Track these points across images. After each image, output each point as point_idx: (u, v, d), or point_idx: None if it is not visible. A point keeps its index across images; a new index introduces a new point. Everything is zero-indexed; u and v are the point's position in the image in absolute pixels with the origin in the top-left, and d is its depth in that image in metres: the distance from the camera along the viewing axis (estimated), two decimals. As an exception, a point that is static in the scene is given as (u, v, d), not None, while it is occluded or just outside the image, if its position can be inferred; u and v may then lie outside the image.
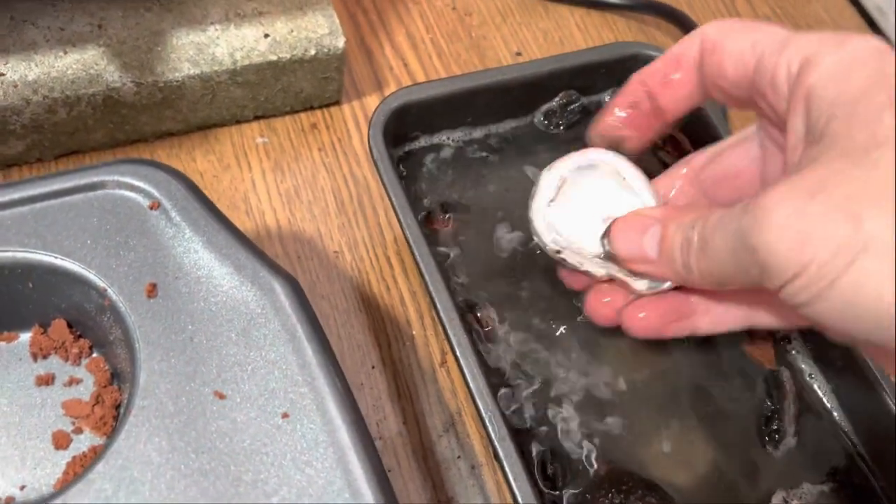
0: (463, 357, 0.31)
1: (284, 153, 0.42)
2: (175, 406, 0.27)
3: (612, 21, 0.50)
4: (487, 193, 0.39)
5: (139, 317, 0.28)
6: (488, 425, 0.30)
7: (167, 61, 0.38)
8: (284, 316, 0.29)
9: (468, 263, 0.37)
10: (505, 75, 0.38)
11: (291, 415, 0.27)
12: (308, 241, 0.40)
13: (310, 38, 0.40)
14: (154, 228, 0.30)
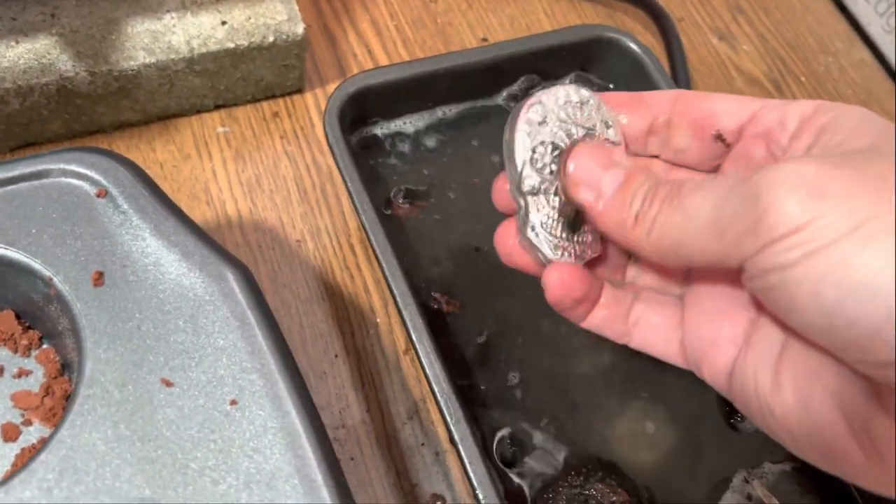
0: (419, 342, 0.30)
1: (246, 142, 0.42)
2: (121, 394, 0.27)
3: (580, 7, 0.50)
4: (451, 177, 0.39)
5: (85, 305, 0.28)
6: (444, 409, 0.29)
7: (121, 50, 0.37)
8: (233, 303, 0.28)
9: (431, 248, 0.37)
10: (465, 59, 0.38)
11: (240, 401, 0.27)
12: (270, 230, 0.40)
13: (268, 24, 0.39)
14: (101, 216, 0.29)
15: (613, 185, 0.27)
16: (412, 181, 0.38)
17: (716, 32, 0.52)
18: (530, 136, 0.28)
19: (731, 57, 0.51)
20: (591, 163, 0.28)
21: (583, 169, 0.28)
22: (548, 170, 0.28)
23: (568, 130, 0.29)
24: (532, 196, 0.28)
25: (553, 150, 0.28)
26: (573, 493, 0.31)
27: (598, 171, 0.27)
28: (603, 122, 0.29)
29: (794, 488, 0.33)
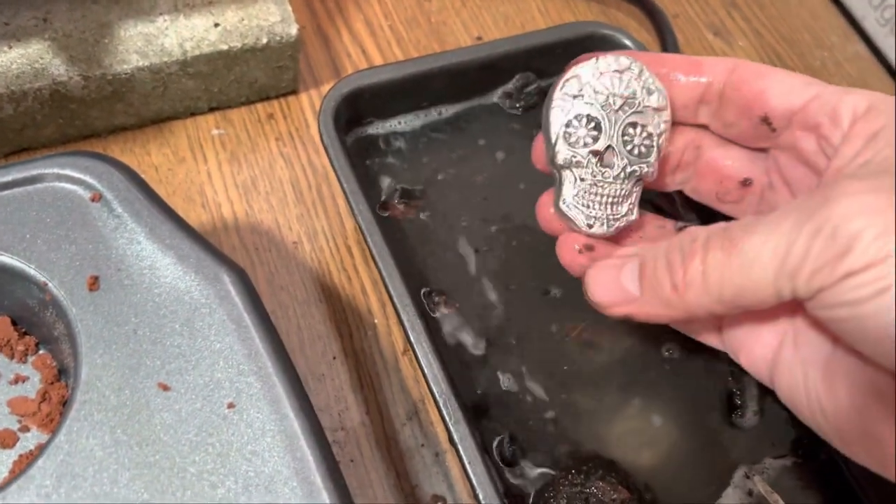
0: (417, 344, 0.30)
1: (241, 144, 0.42)
2: (118, 399, 0.26)
3: (574, 4, 0.50)
4: (447, 177, 0.38)
5: (81, 310, 0.28)
6: (443, 410, 0.29)
7: (114, 53, 0.37)
8: (230, 305, 0.28)
9: (428, 248, 0.37)
10: (459, 58, 0.38)
11: (238, 404, 0.27)
12: (266, 233, 0.40)
13: (261, 26, 0.39)
14: (96, 220, 0.29)
15: (634, 282, 0.27)
16: (408, 181, 0.38)
17: (711, 28, 0.52)
18: (563, 111, 0.29)
19: (726, 52, 0.51)
20: (605, 281, 0.27)
21: (602, 293, 0.28)
22: (581, 143, 0.29)
23: (605, 101, 0.29)
24: (565, 169, 0.29)
25: (588, 122, 0.29)
26: (574, 491, 0.31)
27: (615, 284, 0.27)
28: (644, 88, 0.29)
29: (796, 483, 0.32)
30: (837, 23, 0.53)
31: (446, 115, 0.39)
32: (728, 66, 0.29)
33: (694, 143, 0.31)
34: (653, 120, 0.29)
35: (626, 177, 0.29)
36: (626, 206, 0.30)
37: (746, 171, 0.31)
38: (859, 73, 0.51)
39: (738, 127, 0.29)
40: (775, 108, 0.28)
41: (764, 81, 0.28)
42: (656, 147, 0.30)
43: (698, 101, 0.30)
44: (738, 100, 0.28)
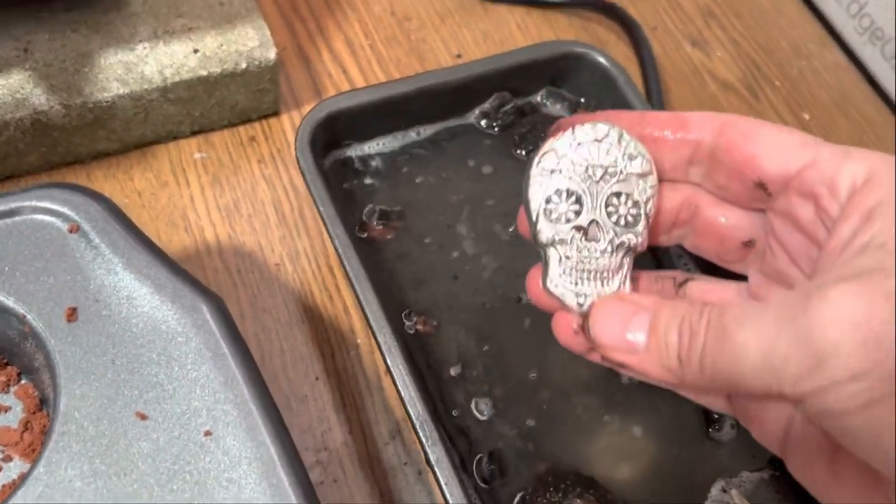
0: (394, 366, 0.31)
1: (223, 167, 0.42)
2: (96, 429, 0.27)
3: (553, 19, 0.50)
4: (425, 197, 0.39)
5: (59, 341, 0.28)
6: (419, 432, 0.29)
7: (95, 82, 0.38)
8: (206, 334, 0.29)
9: (407, 269, 0.37)
10: (435, 80, 0.38)
11: (214, 432, 0.27)
12: (249, 255, 0.40)
13: (240, 51, 0.40)
14: (73, 252, 0.30)
15: (642, 334, 0.25)
16: (387, 202, 0.38)
17: (689, 39, 0.52)
18: (542, 188, 0.28)
19: (705, 63, 0.51)
20: (611, 323, 0.26)
21: (605, 333, 0.26)
22: (563, 219, 0.28)
23: (584, 173, 0.28)
24: (550, 248, 0.28)
25: (568, 197, 0.28)
26: (552, 508, 0.31)
27: (621, 329, 0.26)
28: (625, 154, 0.28)
29: (773, 496, 0.33)
30: (815, 31, 0.54)
31: (424, 136, 0.40)
32: (715, 124, 0.27)
33: (690, 202, 0.30)
34: (637, 186, 0.28)
35: (613, 250, 0.28)
36: (616, 280, 0.28)
37: (747, 231, 0.29)
38: (837, 82, 0.52)
39: (731, 189, 0.28)
40: (769, 174, 0.26)
41: (755, 145, 0.26)
42: (643, 215, 0.28)
43: (687, 161, 0.28)
44: (729, 163, 0.27)
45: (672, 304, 0.25)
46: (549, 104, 0.41)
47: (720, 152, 0.27)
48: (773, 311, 0.22)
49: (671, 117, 0.28)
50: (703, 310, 0.24)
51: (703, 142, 0.28)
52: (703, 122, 0.28)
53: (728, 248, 0.29)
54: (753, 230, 0.29)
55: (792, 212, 0.26)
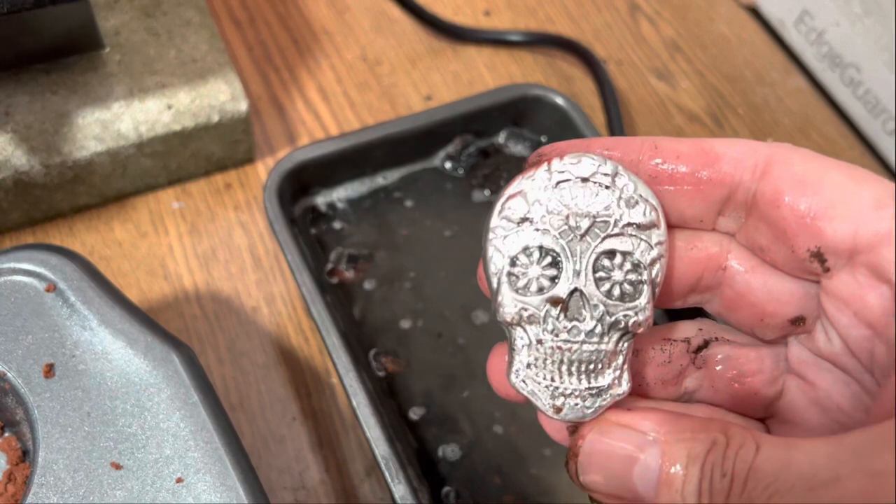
0: (359, 408, 0.32)
1: (200, 215, 0.44)
2: (73, 480, 0.28)
3: (520, 58, 0.52)
4: (393, 240, 0.40)
5: (37, 397, 0.29)
6: (385, 471, 0.31)
7: (73, 141, 0.39)
8: (177, 384, 0.30)
9: (377, 311, 0.38)
10: (399, 127, 0.40)
11: (186, 479, 0.29)
12: (226, 300, 0.41)
13: (212, 105, 0.41)
14: (50, 310, 0.31)
15: (651, 485, 0.19)
16: (355, 246, 0.40)
17: (654, 72, 0.54)
18: (506, 245, 0.21)
19: (670, 95, 0.53)
20: (607, 469, 0.20)
21: (600, 481, 0.20)
22: (534, 288, 0.21)
23: (563, 224, 0.21)
24: (515, 327, 0.21)
25: (541, 257, 0.21)
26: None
27: (623, 475, 0.19)
28: (622, 199, 0.21)
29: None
30: (777, 59, 0.55)
31: (391, 180, 0.41)
32: (757, 160, 0.20)
33: (716, 262, 0.22)
34: (639, 244, 0.21)
35: (605, 332, 0.21)
36: (609, 373, 0.21)
37: (795, 305, 0.22)
38: (800, 108, 0.53)
39: (774, 254, 0.21)
40: (832, 243, 0.19)
41: (816, 199, 0.19)
42: (647, 282, 0.21)
43: (716, 212, 0.21)
44: (776, 221, 0.20)
45: (688, 434, 0.19)
46: (510, 144, 0.42)
47: (764, 204, 0.20)
48: (831, 465, 0.16)
49: (694, 148, 0.21)
50: (731, 444, 0.18)
51: (741, 184, 0.20)
52: (741, 157, 0.20)
53: (768, 325, 0.22)
54: (803, 302, 0.22)
55: (855, 297, 0.20)
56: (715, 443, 0.18)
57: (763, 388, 0.23)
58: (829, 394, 0.22)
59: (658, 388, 0.23)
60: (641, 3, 0.56)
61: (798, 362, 0.22)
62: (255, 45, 0.50)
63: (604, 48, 0.54)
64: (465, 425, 0.36)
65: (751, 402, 0.23)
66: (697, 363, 0.23)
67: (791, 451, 0.17)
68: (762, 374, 0.23)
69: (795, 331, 0.22)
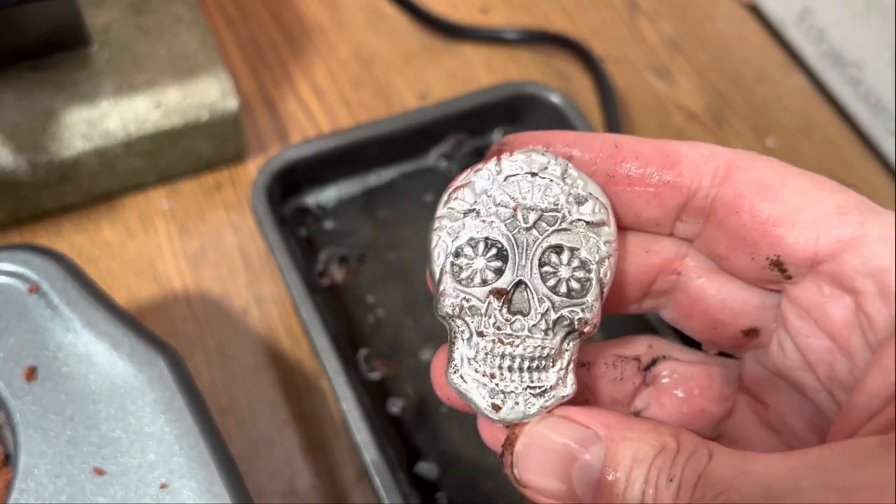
0: (349, 412, 0.31)
1: (190, 215, 0.43)
2: (55, 486, 0.27)
3: (516, 56, 0.51)
4: (384, 240, 0.40)
5: (18, 401, 0.29)
6: (373, 477, 0.30)
7: (60, 140, 0.39)
8: (161, 388, 0.29)
9: (367, 313, 0.38)
10: (391, 126, 0.39)
11: (170, 484, 0.28)
12: (216, 302, 0.41)
13: (202, 103, 0.41)
14: (33, 312, 0.30)
15: (589, 488, 0.18)
16: (347, 247, 0.39)
17: (653, 71, 0.53)
18: (450, 235, 0.20)
19: (669, 94, 0.52)
20: (542, 468, 0.18)
21: (536, 479, 0.18)
22: (477, 279, 0.20)
23: (511, 217, 0.20)
24: (456, 320, 0.20)
25: (486, 248, 0.20)
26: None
27: (558, 477, 0.18)
28: (571, 196, 0.20)
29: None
30: (778, 57, 0.55)
31: (384, 180, 0.41)
32: (718, 165, 0.19)
33: (671, 267, 0.21)
34: (587, 241, 0.20)
35: (549, 327, 0.20)
36: (553, 372, 0.20)
37: (751, 315, 0.21)
38: (801, 107, 0.53)
39: (732, 262, 0.20)
40: (793, 251, 0.19)
41: (775, 206, 0.19)
42: (595, 280, 0.20)
43: (673, 216, 0.20)
44: (735, 228, 0.19)
45: (635, 434, 0.18)
46: (506, 144, 0.42)
47: (723, 210, 0.19)
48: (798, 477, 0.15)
49: (655, 150, 0.20)
50: (681, 451, 0.17)
51: (699, 189, 0.20)
52: (702, 161, 0.20)
53: (721, 335, 0.22)
54: (758, 313, 0.21)
55: (817, 306, 0.19)
56: (664, 447, 0.17)
57: (711, 406, 0.22)
58: (781, 415, 0.21)
59: (608, 406, 0.23)
60: (640, 1, 0.56)
61: (751, 379, 0.22)
62: (248, 42, 0.50)
63: (602, 46, 0.53)
64: (459, 429, 0.35)
65: (698, 421, 0.22)
66: (647, 380, 0.23)
67: (747, 461, 0.16)
68: (711, 391, 0.22)
69: (748, 343, 0.22)
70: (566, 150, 0.21)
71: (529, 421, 0.20)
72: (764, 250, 0.19)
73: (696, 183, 0.20)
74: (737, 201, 0.19)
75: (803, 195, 0.19)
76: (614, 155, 0.20)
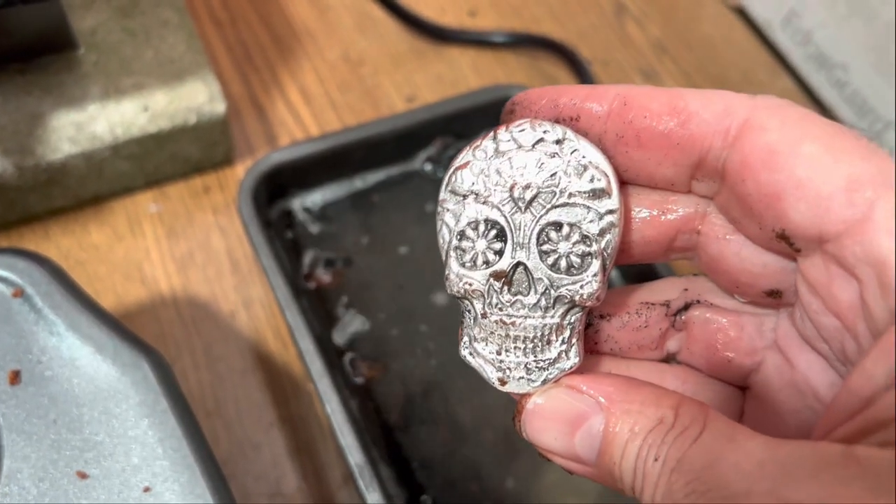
0: (333, 415, 0.31)
1: (178, 218, 0.43)
2: (38, 490, 0.28)
3: (503, 59, 0.52)
4: (371, 244, 0.40)
5: (2, 404, 0.29)
6: (358, 479, 0.30)
7: (47, 143, 0.39)
8: (145, 391, 0.29)
9: (355, 315, 0.38)
10: (377, 129, 0.39)
11: (153, 488, 0.28)
12: (203, 305, 0.41)
13: (189, 106, 0.41)
14: (17, 315, 0.30)
15: (592, 450, 0.18)
16: (333, 250, 0.39)
17: (641, 73, 0.53)
18: (454, 218, 0.21)
19: (655, 96, 0.52)
20: (550, 430, 0.19)
21: (544, 439, 0.19)
22: (480, 262, 0.20)
23: (507, 195, 0.20)
24: (464, 300, 0.21)
25: (487, 230, 0.20)
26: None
27: (565, 437, 0.19)
28: (570, 165, 0.20)
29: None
30: (764, 60, 0.55)
31: (370, 183, 0.41)
32: (729, 123, 0.18)
33: (690, 225, 0.21)
34: (587, 213, 0.20)
35: (549, 305, 0.20)
36: (555, 347, 0.20)
37: (771, 278, 0.20)
38: (787, 109, 0.53)
39: (746, 228, 0.20)
40: (798, 227, 0.18)
41: (781, 175, 0.17)
42: (597, 255, 0.20)
43: (688, 175, 0.20)
44: (742, 196, 0.18)
45: (636, 406, 0.18)
46: (492, 147, 0.42)
47: (730, 176, 0.18)
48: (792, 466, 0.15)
49: (665, 105, 0.19)
50: (676, 425, 0.17)
51: (711, 150, 0.19)
52: (713, 119, 0.18)
53: (745, 294, 0.21)
54: (780, 276, 0.20)
55: (825, 286, 0.18)
56: (661, 421, 0.17)
57: (739, 358, 0.22)
58: (806, 377, 0.21)
59: (635, 352, 0.23)
60: (628, 4, 0.56)
61: (783, 337, 0.21)
62: (236, 45, 0.50)
63: (589, 49, 0.53)
64: (445, 432, 0.35)
65: (726, 371, 0.22)
66: (678, 325, 0.22)
67: (729, 444, 0.16)
68: (740, 342, 0.22)
69: (774, 303, 0.21)
70: (574, 109, 0.20)
71: (535, 391, 0.20)
72: (769, 222, 0.18)
73: (707, 143, 0.19)
74: (742, 169, 0.18)
75: (813, 165, 0.17)
76: (622, 111, 0.19)
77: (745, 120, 0.18)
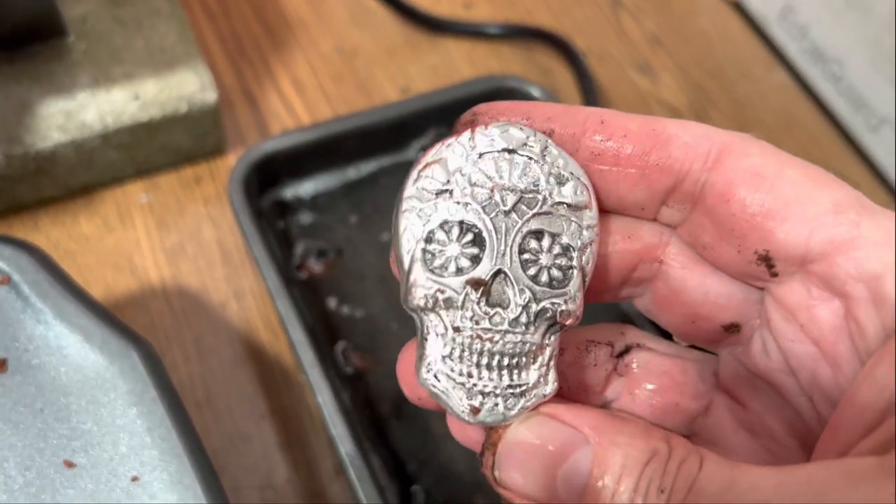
0: (324, 405, 0.31)
1: (169, 209, 0.43)
2: (24, 479, 0.27)
3: (498, 50, 0.51)
4: (363, 234, 0.40)
5: (-12, 393, 0.28)
6: (349, 470, 0.30)
7: (36, 132, 0.38)
8: (134, 380, 0.29)
9: (346, 306, 0.38)
10: (370, 118, 0.39)
11: (141, 477, 0.28)
12: (194, 296, 0.40)
13: (181, 95, 0.40)
14: (4, 303, 0.30)
15: (576, 490, 0.16)
16: (325, 240, 0.39)
17: (636, 67, 0.53)
18: (421, 218, 0.18)
19: (651, 90, 0.52)
20: (528, 470, 0.17)
21: (520, 482, 0.17)
22: (452, 267, 0.18)
23: (488, 198, 0.18)
24: (429, 313, 0.18)
25: (462, 233, 0.18)
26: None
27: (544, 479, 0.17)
28: (551, 176, 0.19)
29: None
30: (760, 54, 0.55)
31: (363, 173, 0.40)
32: (710, 148, 0.18)
33: (652, 254, 0.20)
34: (569, 225, 0.19)
35: (530, 321, 0.18)
36: (534, 370, 0.18)
37: (732, 311, 0.20)
38: (783, 104, 0.53)
39: (717, 253, 0.19)
40: (783, 247, 0.18)
41: (768, 196, 0.17)
42: (577, 269, 0.19)
43: (660, 200, 0.19)
44: (724, 217, 0.18)
45: (625, 439, 0.16)
46: (486, 137, 0.42)
47: (712, 197, 0.18)
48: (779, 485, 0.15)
49: (644, 128, 0.18)
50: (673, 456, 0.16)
51: (689, 173, 0.18)
52: (693, 142, 0.18)
53: (700, 329, 0.21)
54: (741, 308, 0.20)
55: (804, 309, 0.18)
56: (656, 453, 0.16)
57: (685, 402, 0.21)
58: (760, 417, 0.20)
59: (580, 394, 0.21)
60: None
61: (729, 378, 0.21)
62: (229, 35, 0.49)
63: (584, 42, 0.53)
64: (436, 423, 0.35)
65: (672, 416, 0.21)
66: (619, 370, 0.21)
67: (736, 472, 0.15)
68: (685, 385, 0.21)
69: (727, 339, 0.21)
70: (547, 123, 0.19)
71: (511, 423, 0.18)
72: (752, 244, 0.18)
73: (686, 166, 0.18)
74: (728, 189, 0.18)
75: (798, 188, 0.17)
76: (599, 130, 0.19)
77: (725, 144, 0.18)
